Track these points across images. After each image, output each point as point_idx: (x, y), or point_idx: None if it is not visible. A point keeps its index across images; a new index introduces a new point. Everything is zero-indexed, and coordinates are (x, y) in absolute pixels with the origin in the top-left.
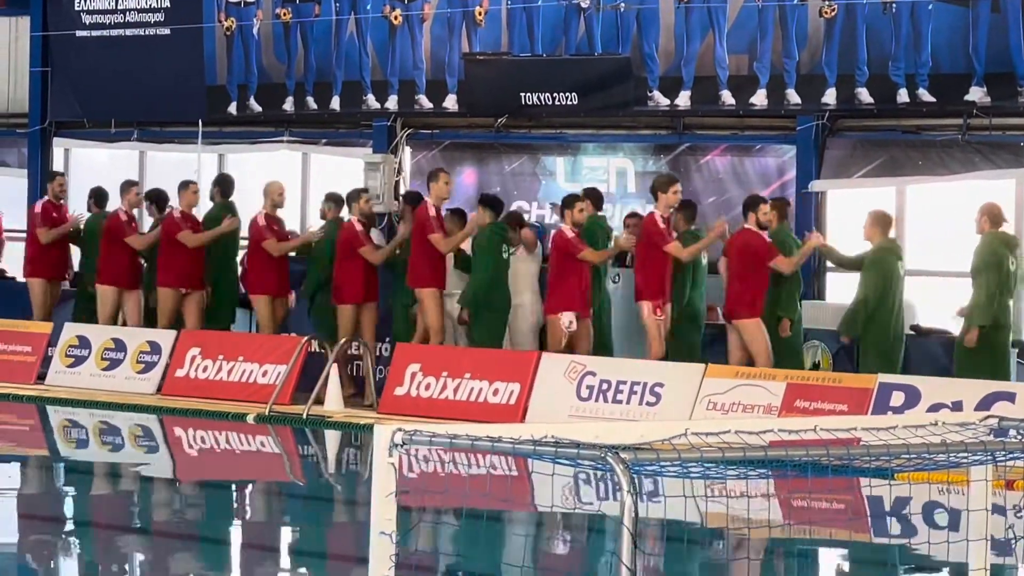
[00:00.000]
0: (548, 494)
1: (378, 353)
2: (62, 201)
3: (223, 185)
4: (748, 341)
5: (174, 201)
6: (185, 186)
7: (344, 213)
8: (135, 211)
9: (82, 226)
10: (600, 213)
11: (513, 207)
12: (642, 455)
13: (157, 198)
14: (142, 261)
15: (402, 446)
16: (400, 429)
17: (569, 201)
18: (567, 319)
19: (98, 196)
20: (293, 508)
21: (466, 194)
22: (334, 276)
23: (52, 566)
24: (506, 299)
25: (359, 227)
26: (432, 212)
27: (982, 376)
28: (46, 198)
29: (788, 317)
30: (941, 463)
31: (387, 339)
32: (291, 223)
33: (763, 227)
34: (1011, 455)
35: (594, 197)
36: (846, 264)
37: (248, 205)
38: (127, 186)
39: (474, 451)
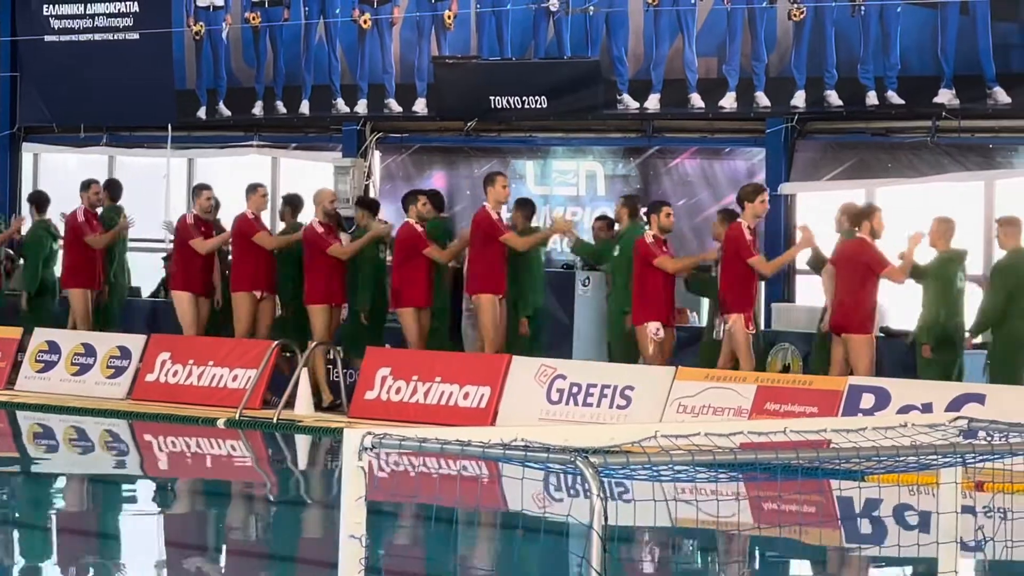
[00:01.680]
0: (518, 497)
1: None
2: (98, 209)
3: (111, 189)
4: (854, 358)
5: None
6: (87, 186)
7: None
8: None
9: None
10: (443, 215)
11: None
12: (612, 458)
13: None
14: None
15: (371, 450)
16: (370, 433)
17: (656, 206)
18: (654, 327)
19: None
20: (262, 512)
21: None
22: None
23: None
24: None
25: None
26: (494, 216)
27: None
28: (82, 206)
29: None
30: (911, 465)
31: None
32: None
33: (875, 236)
34: (980, 457)
35: (434, 198)
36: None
37: (224, 210)
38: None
39: (444, 455)
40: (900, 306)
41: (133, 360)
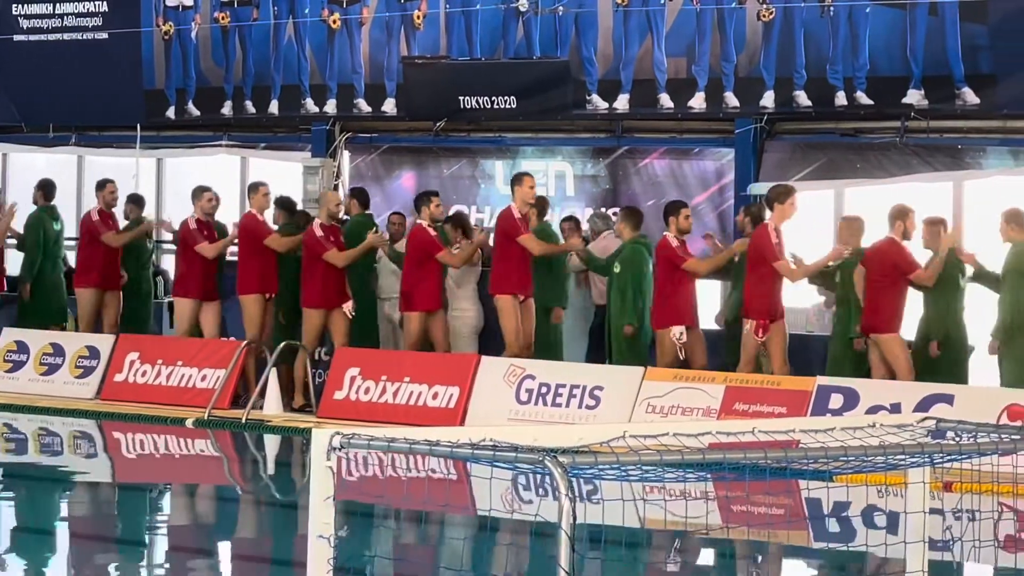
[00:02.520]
0: (487, 497)
1: (317, 357)
2: (113, 209)
3: (46, 189)
4: (890, 359)
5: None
6: (102, 186)
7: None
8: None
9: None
10: (367, 212)
11: (452, 211)
12: (580, 458)
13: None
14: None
15: (340, 450)
16: (338, 433)
17: (674, 208)
18: (678, 331)
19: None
20: (231, 512)
21: (404, 198)
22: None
23: None
24: None
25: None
26: (518, 215)
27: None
28: (98, 207)
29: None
30: (879, 465)
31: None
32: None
33: (906, 237)
34: (949, 457)
35: (360, 197)
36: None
37: (185, 210)
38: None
39: (412, 454)
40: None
41: (102, 360)
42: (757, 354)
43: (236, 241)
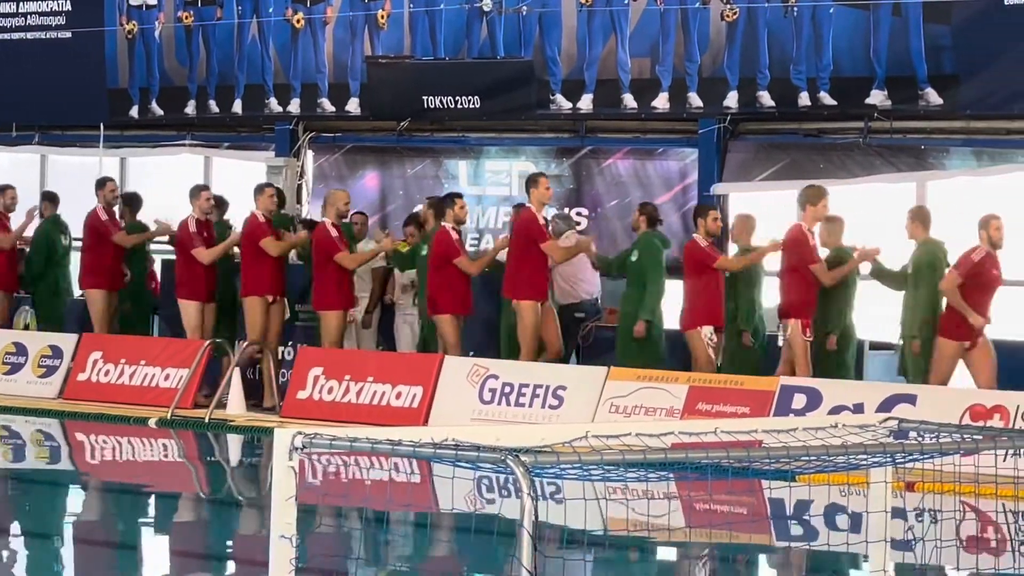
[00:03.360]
0: (450, 497)
1: (280, 356)
2: (114, 207)
3: (52, 200)
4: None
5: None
6: (102, 184)
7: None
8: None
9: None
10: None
11: (416, 210)
12: (542, 458)
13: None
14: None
15: (302, 449)
16: (300, 432)
17: (702, 210)
18: (708, 331)
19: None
20: (193, 512)
21: (368, 198)
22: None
23: None
24: None
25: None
26: (540, 219)
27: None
28: (100, 205)
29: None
30: (841, 465)
31: (290, 342)
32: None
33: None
34: (910, 457)
35: (50, 199)
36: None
37: (152, 211)
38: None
39: (375, 454)
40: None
41: (65, 359)
42: (807, 355)
43: (238, 244)
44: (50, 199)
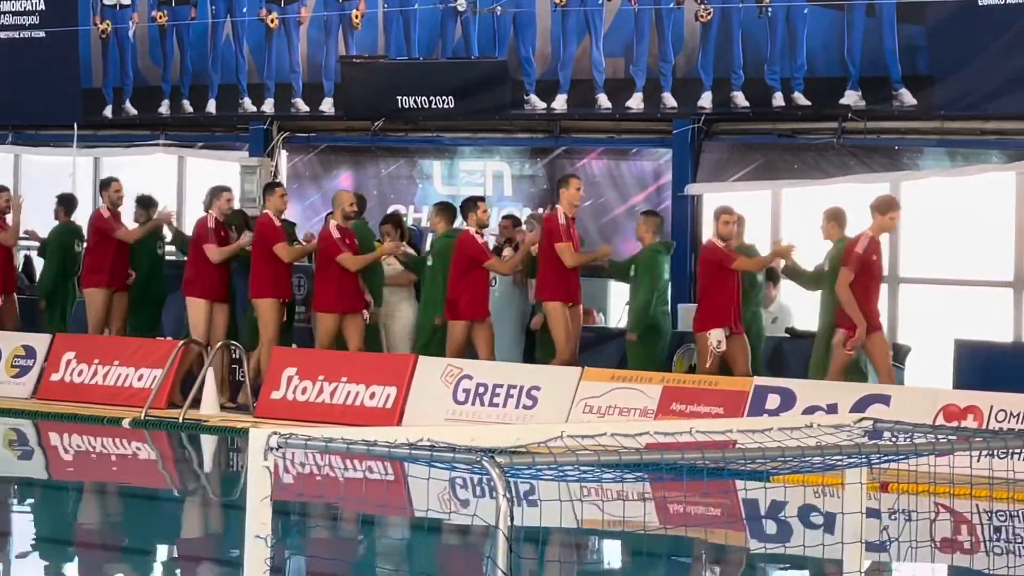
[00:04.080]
0: (424, 497)
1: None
2: (119, 208)
3: (67, 204)
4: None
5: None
6: (107, 184)
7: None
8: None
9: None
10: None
11: (390, 210)
12: (518, 459)
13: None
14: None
15: (277, 450)
16: (275, 433)
17: (716, 213)
18: (716, 337)
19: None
20: (167, 512)
21: None
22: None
23: None
24: None
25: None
26: (562, 221)
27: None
28: (103, 205)
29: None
30: (816, 465)
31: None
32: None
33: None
34: (886, 457)
35: (66, 203)
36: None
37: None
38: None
39: (349, 455)
40: (807, 306)
41: (38, 359)
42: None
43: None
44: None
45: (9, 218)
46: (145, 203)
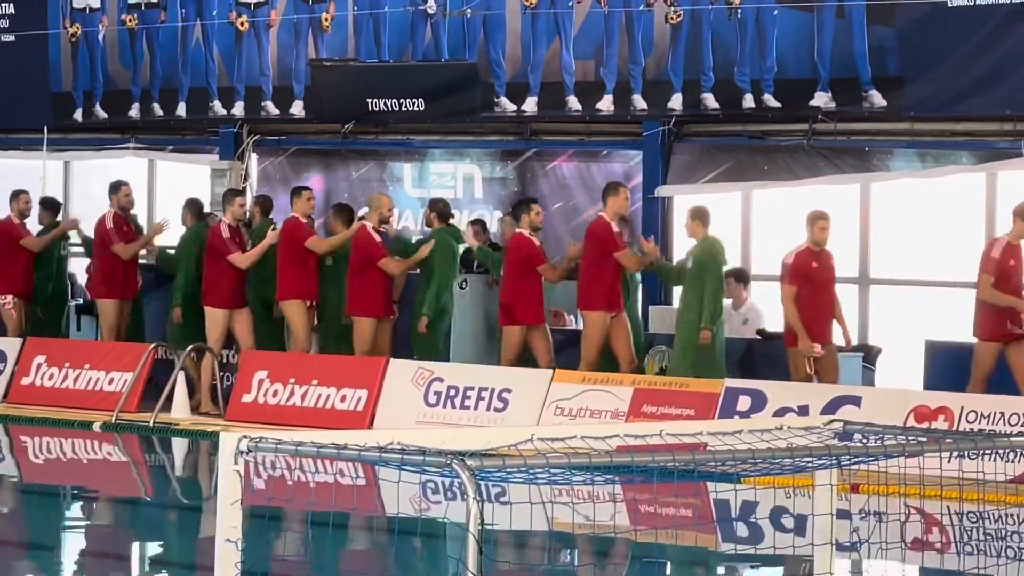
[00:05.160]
0: (395, 500)
1: (224, 360)
2: (132, 212)
3: (195, 207)
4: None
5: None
6: (116, 188)
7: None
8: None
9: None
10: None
11: (361, 213)
12: (488, 461)
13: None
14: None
15: (247, 453)
16: (245, 436)
17: (814, 218)
18: (816, 348)
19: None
20: (138, 516)
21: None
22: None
23: None
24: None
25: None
26: (616, 228)
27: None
28: (112, 210)
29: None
30: (786, 467)
31: (232, 347)
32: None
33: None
34: (855, 459)
35: (193, 208)
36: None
37: (96, 212)
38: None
39: (320, 458)
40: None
41: (9, 363)
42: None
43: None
44: (50, 206)
45: (28, 222)
46: (50, 205)
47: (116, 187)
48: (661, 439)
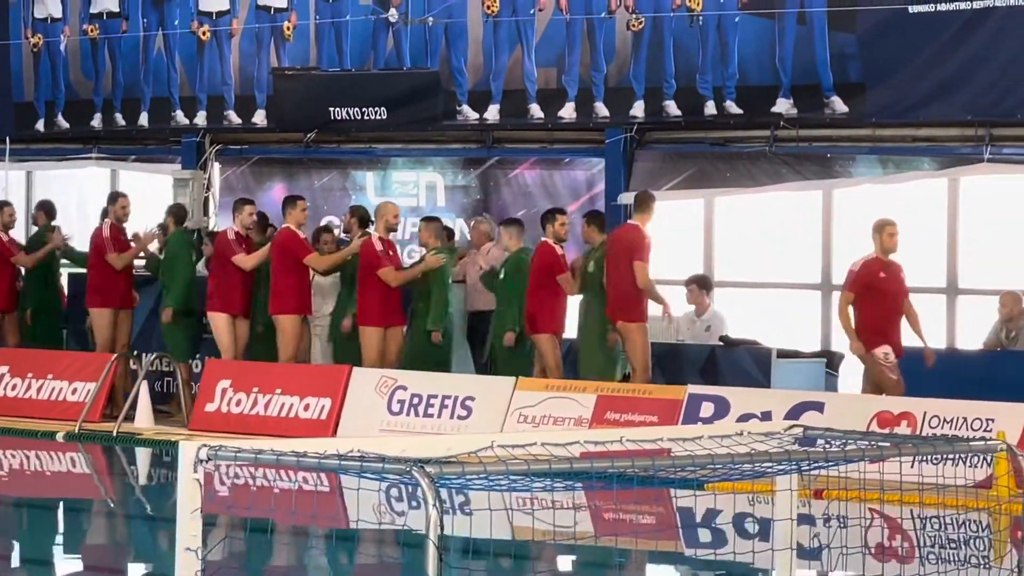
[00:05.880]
0: (356, 509)
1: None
2: (125, 224)
3: (46, 208)
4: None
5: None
6: (114, 199)
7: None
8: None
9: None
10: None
11: (323, 222)
12: (447, 469)
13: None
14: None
15: (207, 462)
16: (205, 445)
17: (881, 225)
18: (882, 352)
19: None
20: (100, 526)
21: (275, 210)
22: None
23: None
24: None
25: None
26: (647, 237)
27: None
28: (108, 221)
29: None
30: (747, 472)
31: (198, 355)
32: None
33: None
34: (816, 464)
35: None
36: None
37: (59, 223)
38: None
39: (280, 466)
40: (739, 314)
41: None
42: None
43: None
44: (46, 210)
45: (12, 233)
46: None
47: (114, 198)
48: (622, 445)
